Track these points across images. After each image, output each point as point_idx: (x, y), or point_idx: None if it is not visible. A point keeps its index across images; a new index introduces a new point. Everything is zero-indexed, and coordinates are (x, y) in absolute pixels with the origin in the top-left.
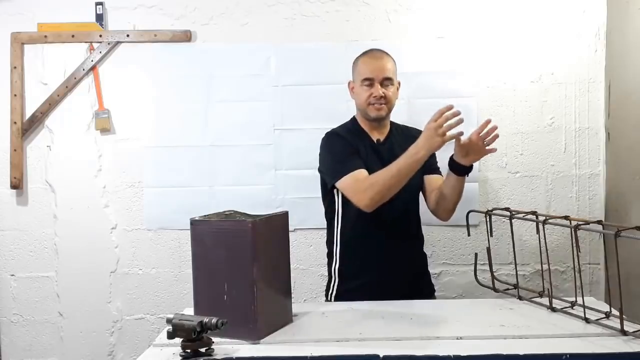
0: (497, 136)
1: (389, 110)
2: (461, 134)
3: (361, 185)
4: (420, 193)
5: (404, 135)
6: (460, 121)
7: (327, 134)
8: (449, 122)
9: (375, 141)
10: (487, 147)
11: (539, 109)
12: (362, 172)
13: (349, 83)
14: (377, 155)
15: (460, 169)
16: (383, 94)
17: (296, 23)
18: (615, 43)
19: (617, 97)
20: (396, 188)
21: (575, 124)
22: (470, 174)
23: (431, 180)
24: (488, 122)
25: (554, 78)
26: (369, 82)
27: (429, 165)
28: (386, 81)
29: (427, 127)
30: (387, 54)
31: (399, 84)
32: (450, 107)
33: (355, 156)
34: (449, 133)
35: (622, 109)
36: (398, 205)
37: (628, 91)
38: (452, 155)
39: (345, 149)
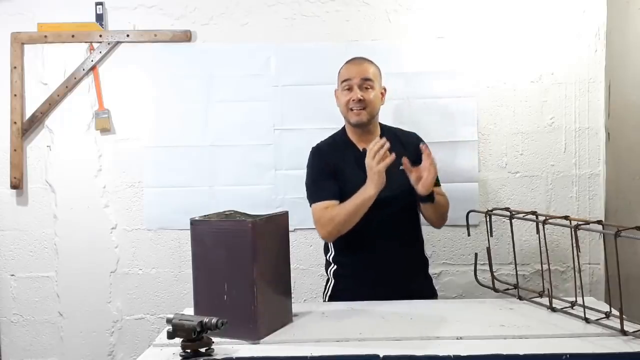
0: (425, 148)
1: (371, 116)
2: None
3: (322, 218)
4: None
5: (396, 142)
6: (385, 143)
7: (312, 148)
8: (379, 153)
9: (361, 150)
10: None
11: (539, 109)
12: (327, 204)
13: (335, 91)
14: (361, 166)
15: (422, 198)
16: (362, 97)
17: (296, 23)
18: (615, 43)
19: (617, 97)
20: (353, 223)
21: (575, 124)
22: (470, 174)
23: None
24: (425, 148)
25: (554, 78)
26: (348, 84)
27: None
28: (366, 83)
29: (366, 164)
30: (369, 60)
31: (385, 90)
32: (376, 142)
33: (328, 182)
34: (382, 164)
35: (622, 109)
36: (392, 210)
37: (628, 91)
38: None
39: (321, 171)
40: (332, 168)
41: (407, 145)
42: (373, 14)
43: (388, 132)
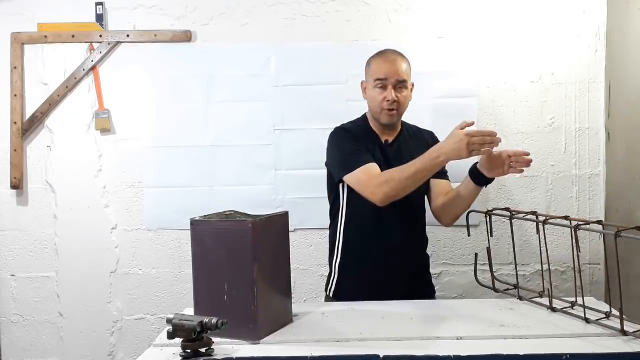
0: (528, 162)
1: (401, 116)
2: (491, 148)
3: (375, 180)
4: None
5: (414, 138)
6: (496, 145)
7: (336, 128)
8: (485, 145)
9: (383, 142)
10: (512, 168)
11: (539, 109)
12: (374, 166)
13: (361, 83)
14: (384, 156)
15: (481, 180)
16: (396, 98)
17: (296, 23)
18: (615, 43)
19: (617, 97)
20: (411, 188)
21: (575, 124)
22: None
23: (438, 184)
24: (527, 153)
25: (554, 78)
26: (382, 83)
27: (438, 170)
28: (400, 84)
29: (458, 136)
30: (401, 54)
31: (413, 85)
32: (492, 133)
33: (365, 151)
34: (476, 151)
35: (622, 109)
36: (403, 205)
37: (628, 91)
38: (476, 163)
39: (355, 143)
40: (364, 144)
41: (423, 141)
42: (373, 14)
43: (408, 128)
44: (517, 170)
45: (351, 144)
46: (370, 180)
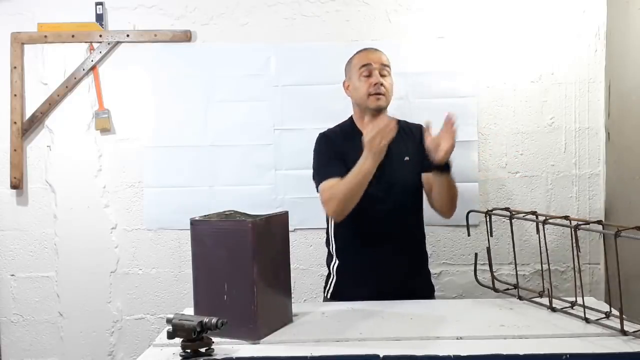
0: (450, 117)
1: (387, 103)
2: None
3: (324, 196)
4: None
5: (402, 133)
6: (392, 129)
7: (319, 135)
8: (383, 134)
9: None
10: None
11: (539, 109)
12: (332, 182)
13: (343, 83)
14: None
15: (436, 167)
16: (382, 82)
17: (296, 23)
18: (615, 43)
19: (617, 97)
20: (355, 198)
21: (575, 124)
22: (470, 174)
23: (429, 177)
24: (451, 116)
25: (554, 78)
26: (367, 69)
27: (425, 163)
28: (384, 69)
29: (368, 141)
30: (380, 50)
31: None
32: (386, 124)
33: (335, 162)
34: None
35: (622, 109)
36: (392, 203)
37: (628, 91)
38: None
39: (328, 153)
40: (340, 154)
41: (412, 136)
42: (373, 14)
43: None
44: (448, 135)
45: (324, 155)
46: (325, 195)
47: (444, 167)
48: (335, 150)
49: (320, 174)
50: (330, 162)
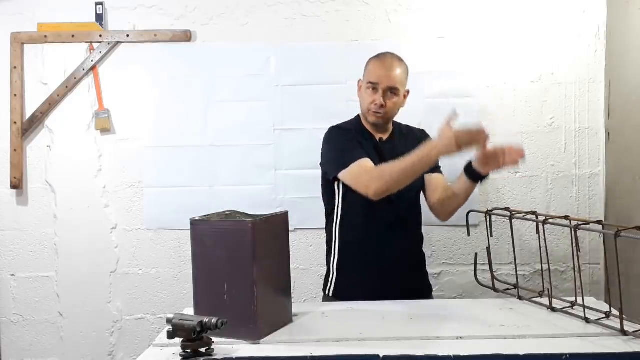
0: (522, 154)
1: (387, 121)
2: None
3: (369, 174)
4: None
5: (407, 136)
6: (485, 142)
7: (330, 128)
8: (473, 142)
9: (378, 140)
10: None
11: (539, 109)
12: (368, 161)
13: (358, 81)
14: (379, 154)
15: (475, 176)
16: (384, 104)
17: (296, 23)
18: (615, 43)
19: (617, 97)
20: (405, 182)
21: (575, 124)
22: None
23: (432, 178)
24: (521, 148)
25: (554, 78)
26: (373, 86)
27: (432, 165)
28: (391, 91)
29: (448, 134)
30: (400, 60)
31: (408, 92)
32: (480, 131)
33: (359, 147)
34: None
35: (622, 109)
36: (398, 201)
37: (628, 91)
38: (470, 160)
39: (349, 141)
40: (358, 142)
41: (416, 140)
42: (373, 14)
43: (401, 127)
44: (511, 164)
45: (345, 141)
46: (364, 174)
47: (484, 178)
48: (354, 138)
49: (346, 157)
50: (354, 146)
